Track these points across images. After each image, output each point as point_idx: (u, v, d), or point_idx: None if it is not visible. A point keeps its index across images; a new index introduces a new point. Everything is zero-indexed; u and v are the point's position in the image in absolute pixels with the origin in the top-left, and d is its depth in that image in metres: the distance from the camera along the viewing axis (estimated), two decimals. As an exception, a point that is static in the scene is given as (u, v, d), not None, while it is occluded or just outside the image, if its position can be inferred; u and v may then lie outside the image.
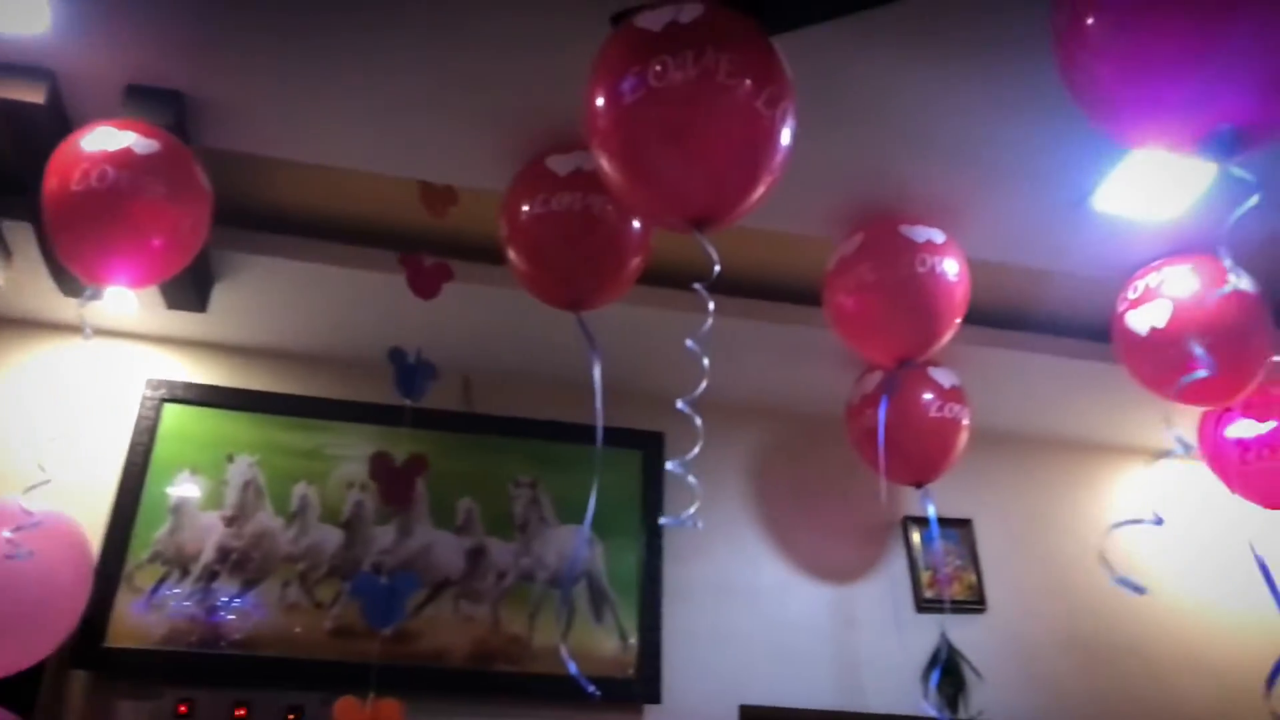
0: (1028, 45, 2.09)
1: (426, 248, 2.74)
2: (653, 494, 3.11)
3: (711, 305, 2.00)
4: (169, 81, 2.26)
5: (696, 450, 2.23)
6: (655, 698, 2.88)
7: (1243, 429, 2.93)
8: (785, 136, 1.91)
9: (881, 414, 2.69)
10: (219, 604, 2.74)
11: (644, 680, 2.89)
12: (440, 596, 2.85)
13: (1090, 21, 1.60)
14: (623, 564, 3.02)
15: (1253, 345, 2.54)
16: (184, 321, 2.95)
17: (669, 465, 2.26)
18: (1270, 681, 2.55)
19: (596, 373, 2.33)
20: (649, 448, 3.17)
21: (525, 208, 2.35)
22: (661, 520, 2.74)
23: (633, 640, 2.93)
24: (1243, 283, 2.54)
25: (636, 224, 2.35)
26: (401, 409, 2.90)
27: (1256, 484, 2.93)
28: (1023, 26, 2.06)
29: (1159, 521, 2.29)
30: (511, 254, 2.40)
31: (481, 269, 2.77)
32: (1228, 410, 2.85)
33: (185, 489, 2.85)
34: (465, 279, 2.75)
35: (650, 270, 2.51)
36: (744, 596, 3.12)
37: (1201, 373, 2.17)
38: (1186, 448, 2.92)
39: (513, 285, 2.56)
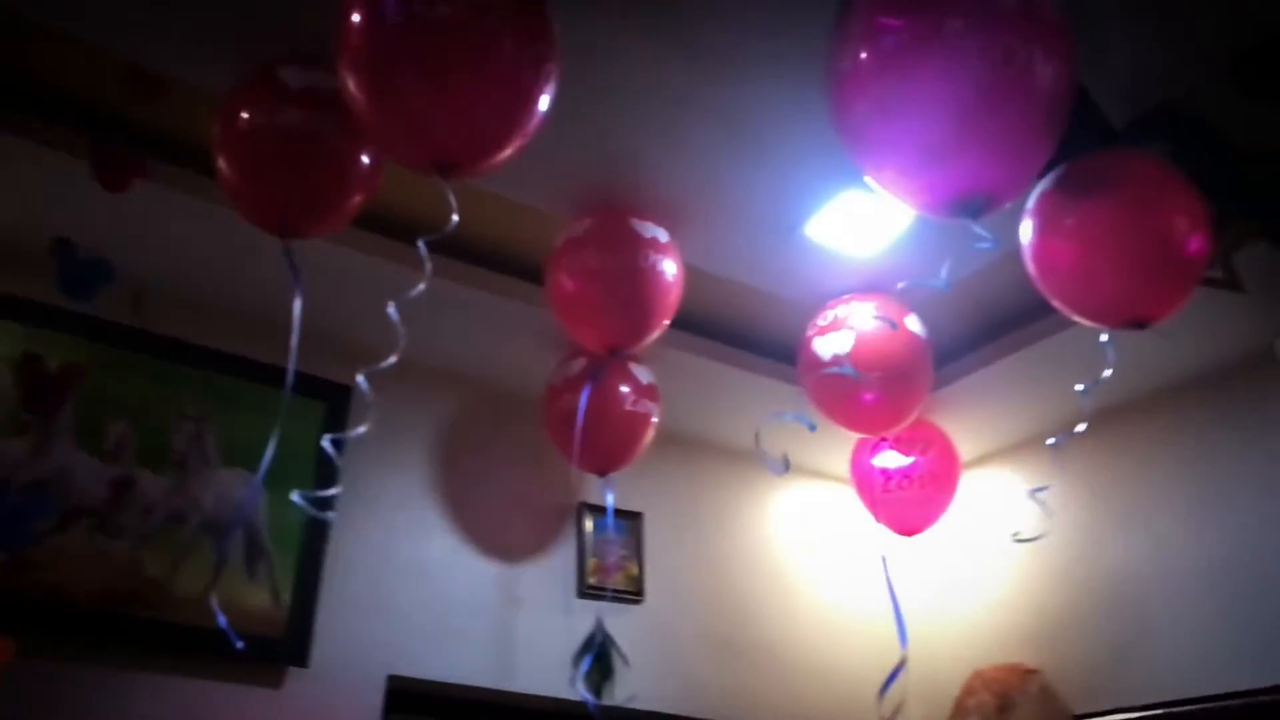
0: (779, 71, 2.19)
1: (122, 137, 2.45)
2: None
3: (429, 266, 1.95)
4: None
5: (362, 429, 2.14)
6: (302, 660, 2.72)
7: (888, 459, 3.22)
8: (544, 100, 1.89)
9: (584, 400, 2.71)
10: None
11: (291, 641, 2.72)
12: (73, 526, 2.52)
13: (863, 66, 1.68)
14: (287, 518, 2.82)
15: (915, 384, 2.80)
16: None
17: (324, 442, 2.17)
18: (883, 689, 2.82)
19: (297, 310, 2.18)
20: (335, 400, 2.99)
21: (245, 116, 2.16)
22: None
23: (286, 599, 2.75)
24: (915, 325, 2.80)
25: (366, 158, 2.22)
26: (59, 310, 2.56)
27: (892, 511, 3.23)
28: (782, 53, 2.14)
29: (812, 427, 2.46)
30: (221, 162, 2.19)
31: (182, 174, 2.51)
32: (881, 440, 3.11)
33: None
34: (161, 180, 2.48)
35: (370, 213, 2.39)
36: (410, 566, 3.02)
37: (847, 370, 2.38)
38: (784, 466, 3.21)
39: (213, 198, 2.35)
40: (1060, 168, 2.06)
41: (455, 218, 1.86)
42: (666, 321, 2.64)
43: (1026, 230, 2.13)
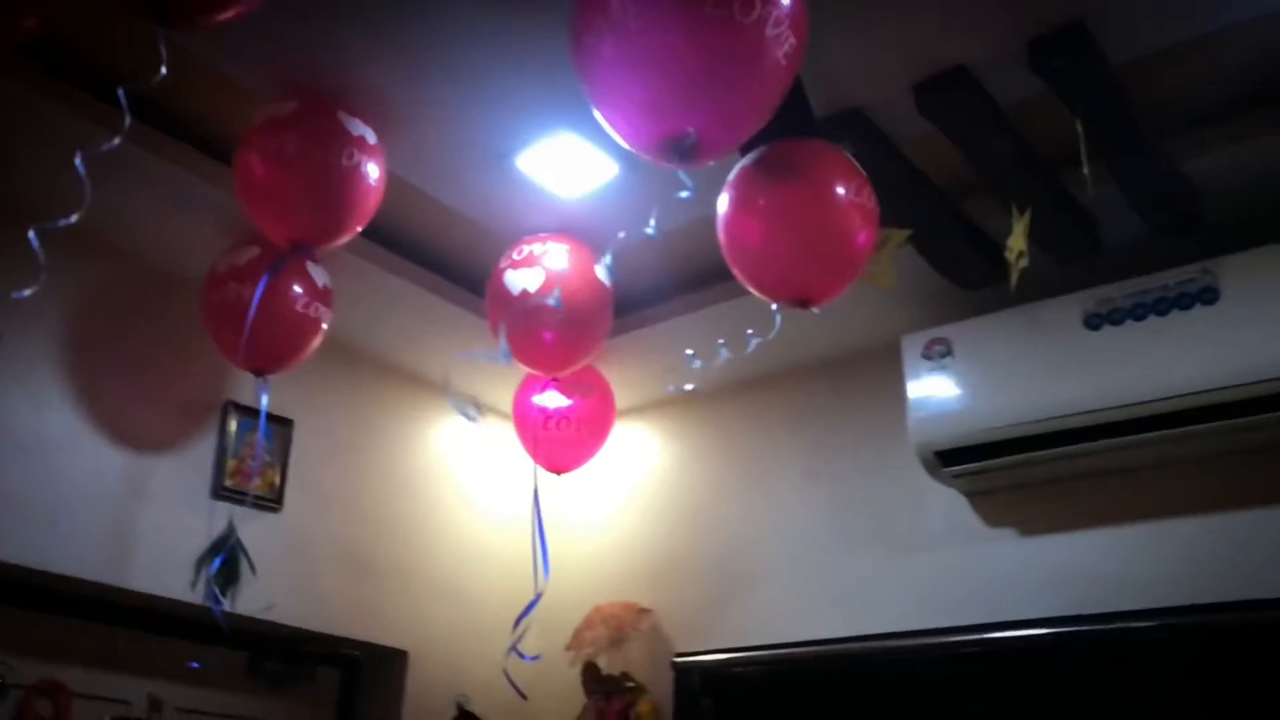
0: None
1: None
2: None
3: (128, 119, 1.80)
4: None
5: (28, 291, 1.95)
6: None
7: (549, 399, 3.31)
8: (279, -32, 1.77)
9: (258, 294, 2.56)
10: None
11: None
12: None
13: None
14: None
15: (594, 330, 2.90)
16: None
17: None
18: (519, 619, 2.95)
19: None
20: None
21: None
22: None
23: None
24: (604, 273, 2.89)
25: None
26: None
27: (546, 450, 3.33)
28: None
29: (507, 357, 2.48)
30: None
31: None
32: (551, 380, 3.20)
33: None
34: None
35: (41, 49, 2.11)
36: (21, 440, 2.71)
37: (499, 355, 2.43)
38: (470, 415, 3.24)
39: None
40: (761, 148, 2.22)
41: (164, 69, 1.70)
42: (360, 227, 2.56)
43: (723, 202, 2.28)
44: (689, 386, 2.57)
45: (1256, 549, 2.53)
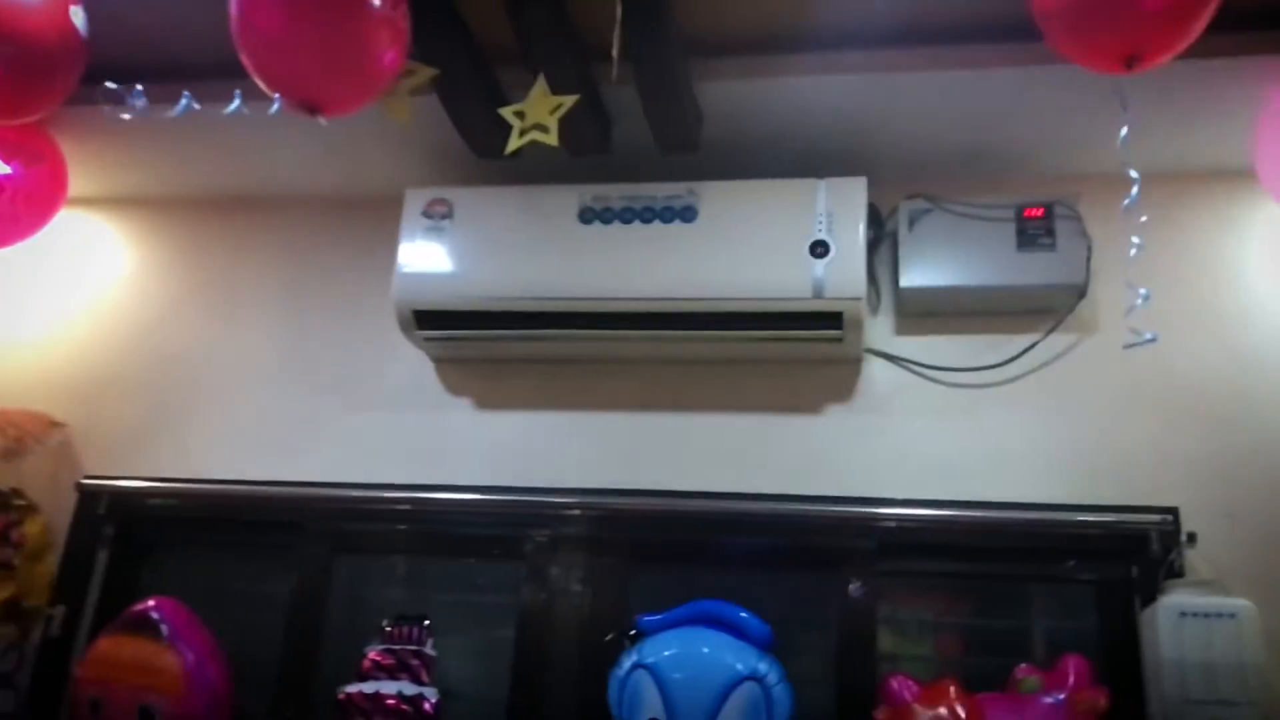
0: None
1: None
2: None
3: None
4: None
5: None
6: None
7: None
8: None
9: None
10: None
11: None
12: None
13: None
14: None
15: (48, 82, 2.40)
16: None
17: None
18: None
19: None
20: None
21: None
22: None
23: None
24: (79, 20, 2.40)
25: None
26: None
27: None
28: None
29: None
30: None
31: None
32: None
33: None
34: None
35: None
36: None
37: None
38: None
39: None
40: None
41: None
42: None
43: (242, -28, 2.02)
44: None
45: (664, 445, 2.83)
